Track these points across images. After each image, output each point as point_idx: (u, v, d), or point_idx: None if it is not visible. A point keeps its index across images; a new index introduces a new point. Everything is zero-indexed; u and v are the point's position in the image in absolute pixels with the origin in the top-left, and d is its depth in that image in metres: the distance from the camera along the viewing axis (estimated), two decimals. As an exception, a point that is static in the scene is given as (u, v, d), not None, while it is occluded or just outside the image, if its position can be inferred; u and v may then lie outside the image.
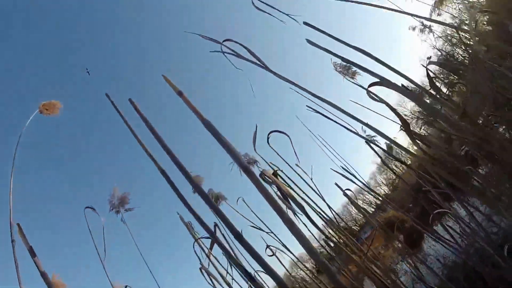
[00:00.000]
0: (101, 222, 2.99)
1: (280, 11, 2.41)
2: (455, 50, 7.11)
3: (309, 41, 2.07)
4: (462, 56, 6.95)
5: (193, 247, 3.05)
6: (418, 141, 2.90)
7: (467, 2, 6.03)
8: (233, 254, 3.37)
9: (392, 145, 4.17)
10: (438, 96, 2.51)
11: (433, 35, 7.49)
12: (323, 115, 2.66)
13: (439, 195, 3.38)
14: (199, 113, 1.28)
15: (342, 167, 3.54)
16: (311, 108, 2.67)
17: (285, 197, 2.41)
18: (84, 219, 2.90)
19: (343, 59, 2.08)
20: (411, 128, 2.80)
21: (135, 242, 3.26)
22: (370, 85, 2.16)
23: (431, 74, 2.73)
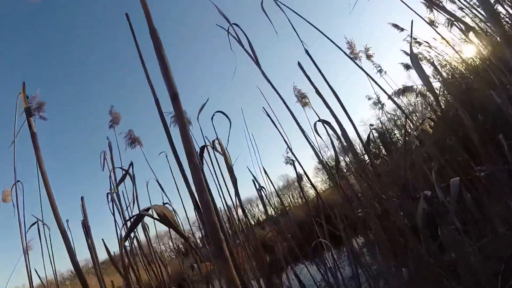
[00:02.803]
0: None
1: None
2: (394, 130, 8.01)
3: (299, 65, 2.25)
4: (396, 138, 7.83)
5: (109, 176, 3.28)
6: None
7: (420, 100, 6.82)
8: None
9: (303, 175, 4.58)
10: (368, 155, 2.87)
11: (383, 111, 8.31)
12: (272, 121, 2.96)
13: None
14: (149, 16, 1.08)
15: (263, 169, 3.85)
16: (265, 110, 2.99)
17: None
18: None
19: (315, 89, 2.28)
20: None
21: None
22: (318, 121, 2.46)
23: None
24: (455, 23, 4.89)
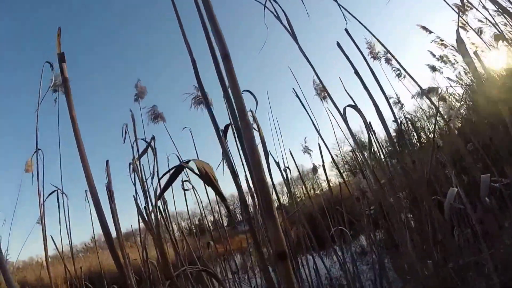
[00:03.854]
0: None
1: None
2: (413, 132, 7.81)
3: (338, 45, 2.21)
4: (415, 139, 7.68)
5: (132, 147, 3.22)
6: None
7: (449, 101, 6.65)
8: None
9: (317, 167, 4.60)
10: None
11: (402, 110, 8.12)
12: (300, 100, 3.00)
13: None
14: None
15: (289, 151, 3.88)
16: (295, 91, 3.01)
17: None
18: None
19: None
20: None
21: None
22: (348, 106, 2.45)
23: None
24: (491, 23, 4.71)
